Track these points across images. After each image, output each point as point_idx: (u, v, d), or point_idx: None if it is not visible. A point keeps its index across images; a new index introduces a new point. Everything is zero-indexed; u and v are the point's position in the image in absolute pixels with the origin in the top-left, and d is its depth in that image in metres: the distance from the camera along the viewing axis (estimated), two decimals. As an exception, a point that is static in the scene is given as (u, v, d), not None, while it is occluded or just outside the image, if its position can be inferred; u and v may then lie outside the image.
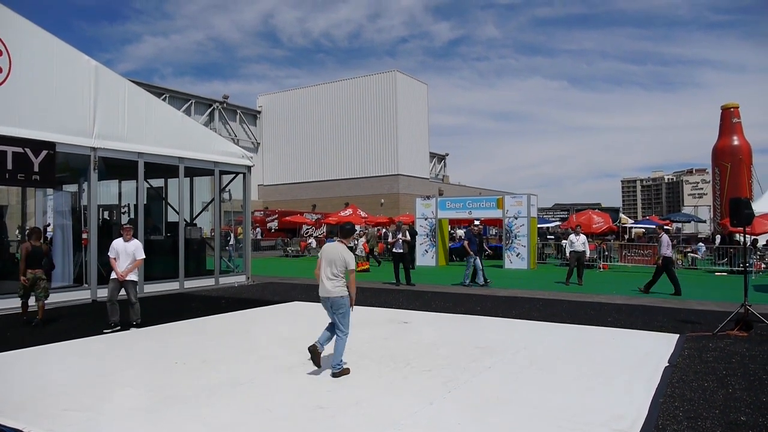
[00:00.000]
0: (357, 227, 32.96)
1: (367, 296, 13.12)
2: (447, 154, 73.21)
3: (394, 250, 16.00)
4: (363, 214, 32.25)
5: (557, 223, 37.48)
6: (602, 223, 23.59)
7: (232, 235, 22.70)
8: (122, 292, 9.21)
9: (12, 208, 19.12)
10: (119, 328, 8.88)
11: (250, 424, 4.67)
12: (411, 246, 22.96)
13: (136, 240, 9.38)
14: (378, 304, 11.75)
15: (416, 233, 23.60)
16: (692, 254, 22.65)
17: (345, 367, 6.19)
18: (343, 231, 6.79)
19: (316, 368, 6.41)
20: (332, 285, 6.42)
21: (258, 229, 37.15)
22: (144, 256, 9.35)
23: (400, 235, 15.76)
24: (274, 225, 39.24)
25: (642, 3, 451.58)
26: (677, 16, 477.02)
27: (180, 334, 8.74)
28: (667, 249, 14.09)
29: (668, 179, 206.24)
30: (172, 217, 16.93)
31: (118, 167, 14.08)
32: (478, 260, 15.26)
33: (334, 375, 6.06)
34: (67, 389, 5.67)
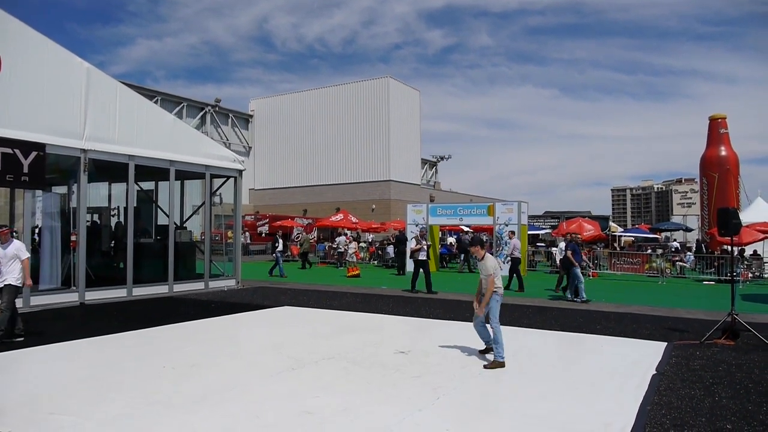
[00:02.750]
0: (348, 235, 32.95)
1: (357, 302, 13.12)
2: (438, 161, 73.38)
3: (418, 257, 15.37)
4: (354, 219, 32.24)
5: (547, 230, 37.64)
6: (592, 230, 23.75)
7: (280, 241, 21.18)
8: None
9: (0, 209, 18.95)
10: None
11: (238, 430, 4.65)
12: (401, 252, 22.97)
13: (16, 241, 8.42)
14: (368, 310, 11.74)
15: (406, 239, 23.66)
16: (680, 263, 22.82)
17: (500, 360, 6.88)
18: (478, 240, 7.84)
19: (305, 374, 6.41)
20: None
21: (247, 233, 36.97)
22: (28, 255, 8.35)
23: (424, 242, 15.38)
24: (264, 229, 39.11)
25: (633, 14, 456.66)
26: (667, 27, 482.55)
27: (168, 339, 8.69)
28: (514, 250, 16.77)
29: (658, 188, 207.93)
30: (162, 220, 16.85)
31: (108, 169, 14.00)
32: (580, 273, 13.76)
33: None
34: (53, 393, 5.61)
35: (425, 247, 15.41)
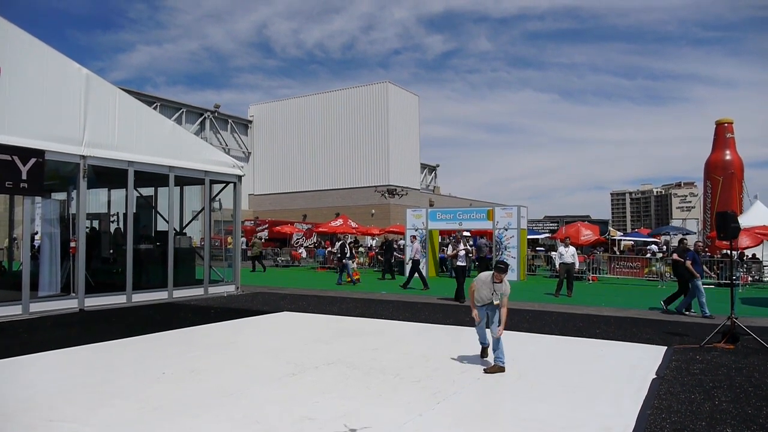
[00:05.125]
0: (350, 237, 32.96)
1: (357, 307, 13.11)
2: (438, 165, 73.52)
3: (457, 263, 14.74)
4: (353, 224, 32.26)
5: (546, 234, 37.68)
6: (590, 235, 23.76)
7: (348, 248, 20.38)
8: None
9: (-1, 215, 18.96)
10: None
11: (238, 436, 4.64)
12: (388, 260, 22.75)
13: None
14: (368, 315, 11.73)
15: (392, 246, 23.70)
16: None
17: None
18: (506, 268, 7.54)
19: (304, 379, 6.40)
20: None
21: (243, 239, 36.91)
22: None
23: (461, 246, 14.81)
24: (264, 235, 39.12)
25: (632, 18, 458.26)
26: (666, 32, 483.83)
27: (168, 344, 8.68)
28: (416, 253, 18.56)
29: (657, 192, 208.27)
30: (161, 226, 16.85)
31: (107, 175, 14.01)
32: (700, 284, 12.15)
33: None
34: (52, 400, 5.60)
35: (462, 252, 14.77)
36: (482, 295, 7.29)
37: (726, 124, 31.35)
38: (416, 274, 18.37)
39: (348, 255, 20.24)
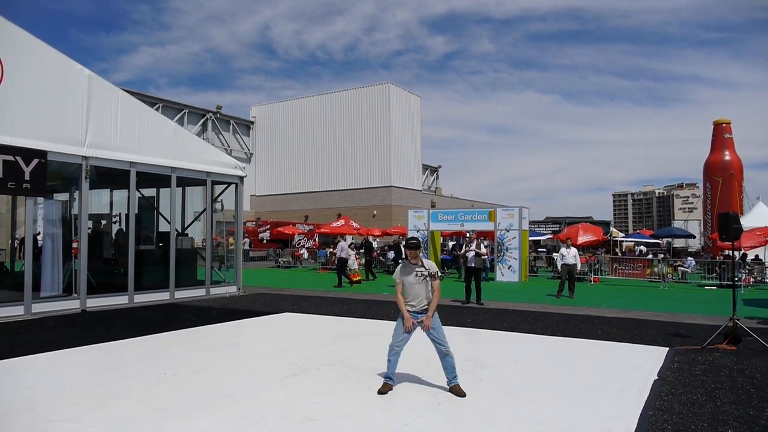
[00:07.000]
0: (349, 238, 32.95)
1: (358, 308, 13.12)
2: (440, 167, 73.47)
3: (468, 264, 14.45)
4: (355, 225, 32.26)
5: (549, 236, 37.69)
6: (589, 236, 23.76)
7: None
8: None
9: (1, 216, 19.02)
10: None
11: (239, 436, 4.64)
12: (368, 261, 22.39)
13: None
14: (369, 316, 11.74)
15: (372, 247, 23.66)
16: (682, 268, 22.77)
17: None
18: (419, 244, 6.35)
19: (306, 380, 6.40)
20: None
21: (247, 240, 36.97)
22: None
23: (473, 246, 14.43)
24: (266, 236, 39.12)
25: (634, 20, 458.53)
26: (668, 33, 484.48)
27: (170, 345, 8.69)
28: (341, 252, 19.22)
29: (659, 193, 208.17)
30: (163, 226, 16.87)
31: (109, 176, 14.04)
32: None
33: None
34: (54, 400, 5.62)
35: (471, 252, 14.33)
36: (412, 291, 6.00)
37: (724, 125, 31.29)
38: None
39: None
